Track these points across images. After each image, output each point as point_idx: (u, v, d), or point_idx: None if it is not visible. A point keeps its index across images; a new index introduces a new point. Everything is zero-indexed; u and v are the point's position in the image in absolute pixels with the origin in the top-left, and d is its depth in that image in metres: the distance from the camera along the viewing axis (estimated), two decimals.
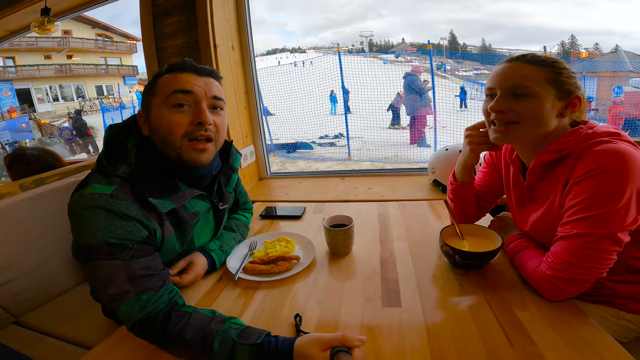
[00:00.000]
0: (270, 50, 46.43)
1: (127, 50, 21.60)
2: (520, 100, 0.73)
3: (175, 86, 0.75)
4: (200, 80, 0.78)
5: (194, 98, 0.76)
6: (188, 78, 0.77)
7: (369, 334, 0.66)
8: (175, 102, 0.75)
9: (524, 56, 0.75)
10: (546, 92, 0.71)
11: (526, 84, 0.72)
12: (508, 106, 0.74)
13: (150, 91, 0.79)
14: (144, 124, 0.79)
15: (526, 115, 0.73)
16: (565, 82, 0.72)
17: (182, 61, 0.79)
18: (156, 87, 0.78)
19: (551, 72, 0.72)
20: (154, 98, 0.77)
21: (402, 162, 5.50)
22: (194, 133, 0.76)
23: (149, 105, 0.78)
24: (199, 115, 0.75)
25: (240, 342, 0.60)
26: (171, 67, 0.79)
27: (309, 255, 0.96)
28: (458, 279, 0.83)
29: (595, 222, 0.65)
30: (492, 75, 0.78)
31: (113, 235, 0.66)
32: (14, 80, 16.06)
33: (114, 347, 0.70)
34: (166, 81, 0.77)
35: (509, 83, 0.74)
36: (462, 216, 1.01)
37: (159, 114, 0.76)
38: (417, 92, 5.60)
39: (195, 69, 0.79)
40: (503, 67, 0.77)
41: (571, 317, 0.67)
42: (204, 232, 0.93)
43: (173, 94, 0.75)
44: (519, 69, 0.74)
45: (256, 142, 1.91)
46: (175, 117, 0.75)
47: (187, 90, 0.75)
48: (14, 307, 1.11)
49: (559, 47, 29.53)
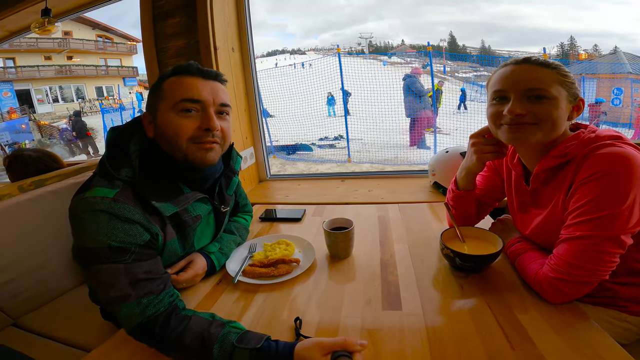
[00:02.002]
0: (270, 51, 46.49)
1: (127, 51, 21.63)
2: (537, 103, 0.72)
3: (183, 94, 0.76)
4: (207, 85, 0.78)
5: (202, 105, 0.77)
6: (195, 83, 0.77)
7: (369, 337, 0.66)
8: (183, 109, 0.76)
9: (530, 58, 0.74)
10: (560, 95, 0.71)
11: (542, 87, 0.71)
12: (526, 108, 0.72)
13: (156, 94, 0.79)
14: (149, 126, 0.79)
15: (545, 117, 0.72)
16: (571, 85, 0.73)
17: (188, 64, 0.79)
18: (163, 90, 0.78)
19: (559, 75, 0.72)
20: (161, 102, 0.77)
21: (402, 164, 5.50)
22: (201, 138, 0.77)
23: (155, 108, 0.78)
24: (207, 122, 0.77)
25: (240, 346, 0.60)
26: (177, 70, 0.79)
27: (309, 258, 0.96)
28: (459, 281, 0.82)
29: (599, 225, 0.65)
30: (501, 78, 0.76)
31: (115, 238, 0.66)
32: (14, 81, 16.06)
33: (113, 350, 0.70)
34: (173, 85, 0.77)
35: (524, 85, 0.73)
36: (462, 220, 1.00)
37: (166, 118, 0.76)
38: (417, 95, 5.60)
39: (201, 73, 0.79)
40: (512, 69, 0.75)
41: (572, 319, 0.67)
42: (204, 235, 0.93)
43: (181, 102, 0.75)
44: (531, 71, 0.73)
45: (256, 144, 1.91)
46: (183, 121, 0.76)
47: (196, 99, 0.76)
48: (13, 309, 1.11)
49: (558, 48, 29.58)
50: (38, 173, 1.29)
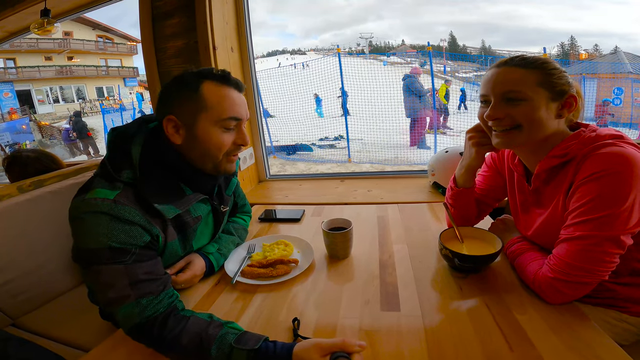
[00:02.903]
0: (270, 52, 46.51)
1: (127, 51, 21.66)
2: (513, 105, 0.73)
3: (231, 112, 0.78)
4: (242, 100, 0.83)
5: (240, 122, 0.82)
6: (237, 99, 0.80)
7: (367, 338, 0.66)
8: (228, 126, 0.79)
9: (512, 59, 0.75)
10: (538, 95, 0.71)
11: (517, 89, 0.72)
12: (503, 112, 0.74)
13: (194, 100, 0.76)
14: (175, 131, 0.77)
15: (523, 120, 0.72)
16: (557, 82, 0.72)
17: (223, 72, 0.80)
18: (204, 100, 0.76)
19: (541, 74, 0.72)
20: (204, 113, 0.76)
21: (402, 164, 5.49)
22: (234, 152, 0.84)
23: (194, 117, 0.76)
24: (243, 139, 0.83)
25: (238, 347, 0.60)
26: (213, 75, 0.78)
27: (308, 259, 0.96)
28: (457, 282, 0.82)
29: (599, 225, 0.65)
30: (484, 82, 0.78)
31: (116, 239, 0.66)
32: (15, 82, 16.10)
33: (111, 350, 0.70)
34: (217, 98, 0.77)
35: (500, 89, 0.74)
36: (461, 219, 1.00)
37: (208, 131, 0.77)
38: (417, 94, 5.60)
39: (237, 86, 0.82)
40: (492, 72, 0.76)
41: (571, 320, 0.67)
42: (203, 235, 0.93)
43: (229, 120, 0.78)
44: (508, 73, 0.74)
45: (255, 144, 1.91)
46: (225, 137, 0.80)
47: (239, 118, 0.80)
48: (12, 309, 1.11)
49: (558, 48, 29.56)
50: (37, 174, 1.28)
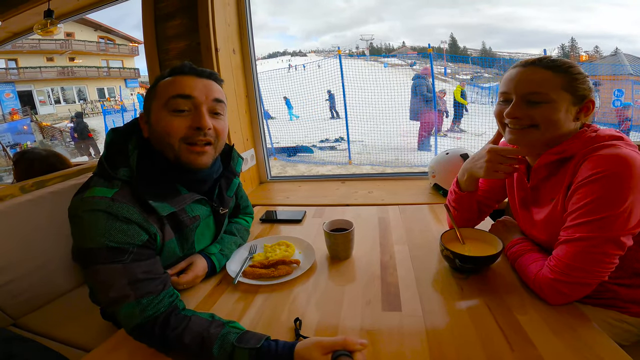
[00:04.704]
0: (271, 53, 46.62)
1: (129, 53, 21.70)
2: (535, 107, 0.72)
3: (174, 90, 0.76)
4: (200, 82, 0.78)
5: (194, 102, 0.76)
6: (188, 81, 0.77)
7: (368, 338, 0.66)
8: (175, 107, 0.75)
9: (540, 60, 0.74)
10: (561, 99, 0.71)
11: (541, 91, 0.71)
12: (523, 112, 0.74)
13: (151, 94, 0.80)
14: (145, 125, 0.80)
15: (542, 121, 0.72)
16: (580, 87, 0.72)
17: (182, 64, 0.79)
18: (157, 91, 0.78)
19: (567, 77, 0.72)
20: (154, 101, 0.78)
21: (403, 166, 5.49)
22: (193, 137, 0.76)
23: (149, 107, 0.79)
24: (198, 120, 0.76)
25: (240, 346, 0.60)
26: (172, 71, 0.80)
27: (309, 259, 0.96)
28: (458, 283, 0.82)
29: (598, 226, 0.65)
30: (507, 80, 0.77)
31: (113, 239, 0.66)
32: (16, 82, 16.12)
33: (113, 350, 0.70)
34: (166, 85, 0.78)
35: (524, 89, 0.73)
36: (462, 221, 1.00)
37: (158, 117, 0.76)
38: (425, 96, 5.58)
39: (194, 71, 0.79)
40: (517, 71, 0.76)
41: (572, 321, 0.67)
42: (204, 236, 0.93)
43: (173, 98, 0.75)
44: (533, 74, 0.73)
45: (257, 146, 1.91)
46: (174, 121, 0.75)
47: (187, 94, 0.76)
48: (13, 309, 1.11)
49: (559, 50, 29.59)
50: (42, 172, 1.29)
